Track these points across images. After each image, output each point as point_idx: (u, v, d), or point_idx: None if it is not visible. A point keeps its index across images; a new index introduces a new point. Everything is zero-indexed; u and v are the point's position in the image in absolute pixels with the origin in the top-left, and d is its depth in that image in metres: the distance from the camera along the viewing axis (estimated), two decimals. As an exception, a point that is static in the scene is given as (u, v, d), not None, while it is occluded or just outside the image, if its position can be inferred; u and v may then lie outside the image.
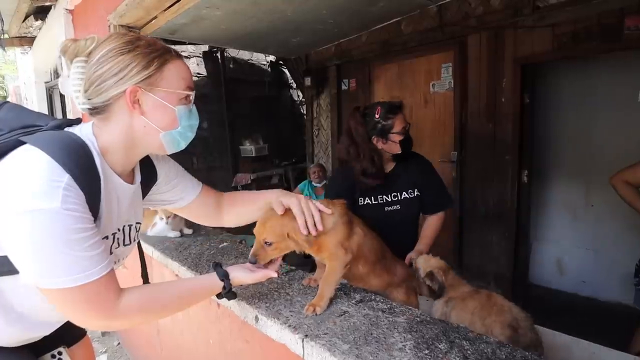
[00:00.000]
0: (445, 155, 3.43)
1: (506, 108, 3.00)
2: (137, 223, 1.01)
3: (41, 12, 3.72)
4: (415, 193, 1.78)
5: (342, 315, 1.03)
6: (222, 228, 1.79)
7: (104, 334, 3.06)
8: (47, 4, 3.33)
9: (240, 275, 1.02)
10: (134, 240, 1.02)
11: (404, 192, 1.76)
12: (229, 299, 1.05)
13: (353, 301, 1.10)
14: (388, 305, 1.07)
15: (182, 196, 1.13)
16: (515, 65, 2.91)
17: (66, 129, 0.86)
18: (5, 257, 0.76)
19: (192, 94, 0.91)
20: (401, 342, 0.89)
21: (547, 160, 3.49)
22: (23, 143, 0.77)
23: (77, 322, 0.81)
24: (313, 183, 3.99)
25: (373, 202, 1.74)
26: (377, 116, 1.67)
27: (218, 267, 1.03)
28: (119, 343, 2.90)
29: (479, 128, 3.18)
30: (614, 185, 1.89)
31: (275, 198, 1.09)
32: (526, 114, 3.02)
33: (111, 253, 0.91)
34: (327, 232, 1.08)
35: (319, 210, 1.06)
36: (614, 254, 3.13)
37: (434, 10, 3.20)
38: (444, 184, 1.88)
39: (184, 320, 1.73)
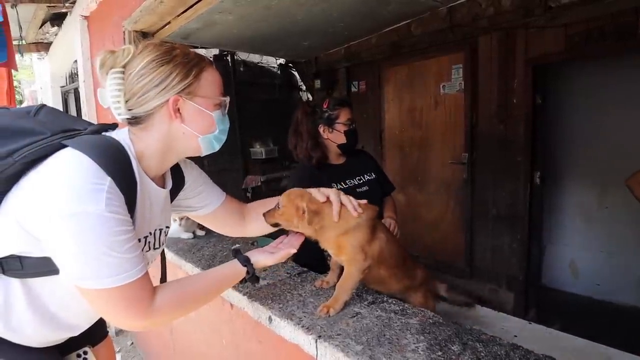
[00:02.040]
0: (455, 157, 3.42)
1: (518, 109, 2.97)
2: (166, 227, 1.04)
3: (57, 19, 3.81)
4: (374, 175, 1.91)
5: (354, 316, 1.03)
6: None
7: (117, 333, 3.11)
8: (63, 10, 3.41)
9: (262, 257, 1.05)
10: (163, 244, 1.05)
11: (365, 175, 1.88)
12: (252, 283, 1.06)
13: (365, 302, 1.11)
14: (400, 307, 1.08)
15: (206, 203, 1.16)
16: (527, 65, 2.89)
17: (104, 134, 0.89)
18: (45, 259, 0.79)
19: (226, 99, 0.95)
20: (414, 343, 0.89)
21: (560, 162, 3.45)
22: (65, 146, 0.79)
23: (114, 322, 0.84)
24: None
25: (344, 186, 1.80)
26: (325, 106, 1.79)
27: (238, 253, 1.05)
28: (132, 343, 2.94)
29: (490, 129, 3.15)
30: (629, 187, 1.86)
31: (315, 191, 1.11)
32: (538, 114, 2.99)
33: None
34: (349, 232, 1.08)
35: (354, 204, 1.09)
36: (628, 257, 3.08)
37: (444, 11, 3.19)
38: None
39: (197, 320, 1.75)
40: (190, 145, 0.93)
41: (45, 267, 0.80)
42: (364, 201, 1.12)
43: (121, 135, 0.89)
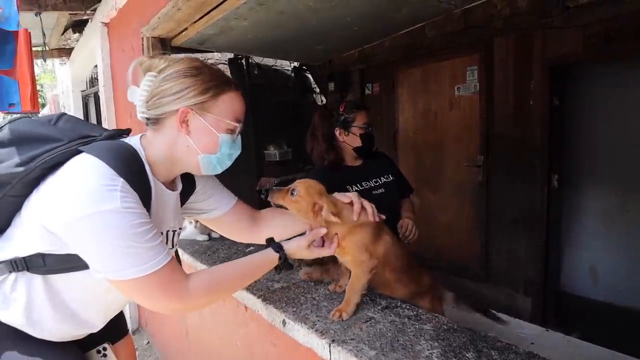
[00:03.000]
0: (471, 159, 3.38)
1: (534, 111, 2.93)
2: (179, 229, 1.08)
3: (79, 25, 3.92)
4: (391, 177, 1.90)
5: (368, 321, 1.04)
6: None
7: (134, 332, 3.17)
8: (85, 17, 3.50)
9: (295, 247, 1.08)
10: (176, 245, 1.09)
11: (382, 177, 1.87)
12: (286, 270, 1.08)
13: (379, 307, 1.11)
14: (414, 312, 1.07)
15: (217, 206, 1.18)
16: (544, 67, 2.84)
17: (118, 139, 0.93)
18: (67, 255, 0.83)
19: (239, 126, 0.98)
20: (428, 349, 0.89)
21: (579, 164, 3.37)
22: (81, 152, 0.84)
23: (152, 307, 0.88)
24: None
25: (360, 188, 1.80)
26: (341, 110, 1.81)
27: (272, 241, 1.09)
28: (148, 342, 2.99)
29: (506, 131, 3.11)
30: None
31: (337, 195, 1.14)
32: (556, 116, 2.94)
33: None
34: (352, 231, 1.09)
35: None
36: (651, 262, 2.99)
37: (458, 13, 3.16)
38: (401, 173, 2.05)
39: (213, 322, 1.77)
40: (190, 160, 0.96)
41: (66, 263, 0.85)
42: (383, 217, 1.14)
43: (133, 140, 0.94)
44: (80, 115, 5.29)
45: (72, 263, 0.84)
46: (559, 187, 3.06)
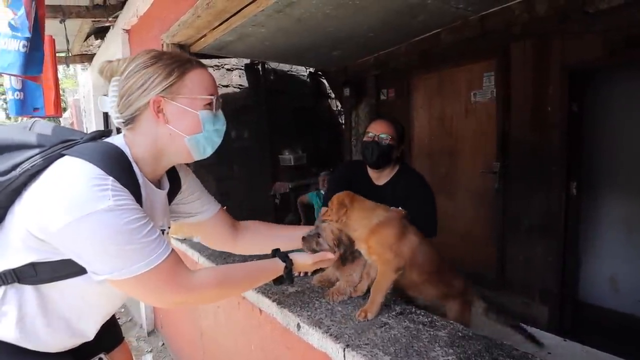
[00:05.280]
0: (487, 166, 3.34)
1: (552, 117, 2.88)
2: (168, 228, 1.07)
3: (101, 32, 4.04)
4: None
5: (382, 326, 1.04)
6: None
7: (150, 334, 3.22)
8: (107, 24, 3.61)
9: (301, 258, 1.10)
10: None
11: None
12: (287, 282, 1.10)
13: (393, 313, 1.11)
14: (429, 319, 1.07)
15: (203, 210, 1.18)
16: (563, 72, 2.80)
17: (101, 140, 0.91)
18: (61, 262, 0.81)
19: (214, 98, 0.94)
20: (443, 356, 0.89)
21: (599, 171, 3.30)
22: (64, 156, 0.82)
23: (158, 302, 0.89)
24: (322, 191, 3.86)
25: None
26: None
27: (278, 251, 1.11)
28: (163, 344, 3.03)
29: (523, 138, 3.07)
30: None
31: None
32: (574, 123, 2.89)
33: None
34: (375, 231, 1.11)
35: None
36: (675, 273, 2.90)
37: (475, 19, 3.15)
38: (431, 211, 1.74)
39: (227, 324, 1.79)
40: (178, 147, 0.93)
41: (60, 271, 0.83)
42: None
43: (118, 140, 0.91)
44: (100, 119, 5.43)
45: (66, 270, 0.82)
46: (578, 194, 3.00)
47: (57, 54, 3.54)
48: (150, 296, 0.86)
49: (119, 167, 0.82)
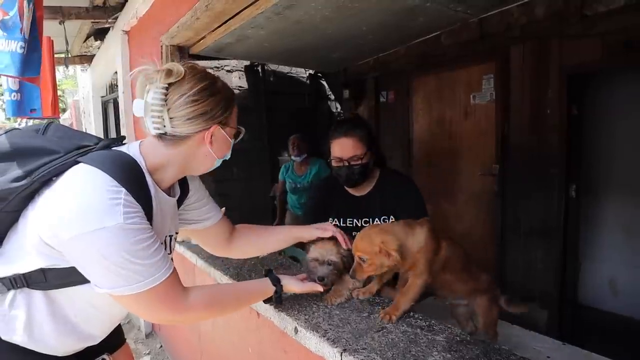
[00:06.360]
0: (486, 168, 3.34)
1: (551, 120, 2.88)
2: (175, 233, 1.09)
3: (100, 33, 4.04)
4: (390, 219, 1.62)
5: (380, 330, 1.03)
6: None
7: (147, 336, 3.21)
8: (106, 26, 3.61)
9: (291, 283, 1.14)
10: (173, 249, 1.10)
11: (377, 219, 1.63)
12: (276, 304, 1.14)
13: (391, 317, 1.11)
14: (427, 323, 1.07)
15: (208, 216, 1.20)
16: (562, 75, 2.80)
17: (115, 148, 0.92)
18: (70, 269, 0.82)
19: (243, 130, 1.05)
20: (440, 361, 0.88)
21: (598, 174, 3.30)
22: (79, 163, 0.83)
23: (152, 319, 0.91)
24: (292, 157, 3.69)
25: (341, 224, 1.67)
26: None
27: (270, 273, 1.14)
28: (161, 346, 3.02)
29: (522, 140, 3.07)
30: None
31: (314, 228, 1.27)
32: (574, 125, 2.89)
33: None
34: (419, 249, 1.12)
35: None
36: (674, 276, 2.90)
37: (474, 22, 3.15)
38: (422, 207, 1.66)
39: (225, 327, 1.78)
40: (206, 164, 1.01)
41: (69, 277, 0.84)
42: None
43: (132, 149, 0.92)
44: (100, 120, 5.43)
45: (74, 277, 0.83)
46: (577, 197, 3.00)
47: (56, 55, 3.54)
48: (144, 313, 0.89)
49: (132, 178, 0.83)
